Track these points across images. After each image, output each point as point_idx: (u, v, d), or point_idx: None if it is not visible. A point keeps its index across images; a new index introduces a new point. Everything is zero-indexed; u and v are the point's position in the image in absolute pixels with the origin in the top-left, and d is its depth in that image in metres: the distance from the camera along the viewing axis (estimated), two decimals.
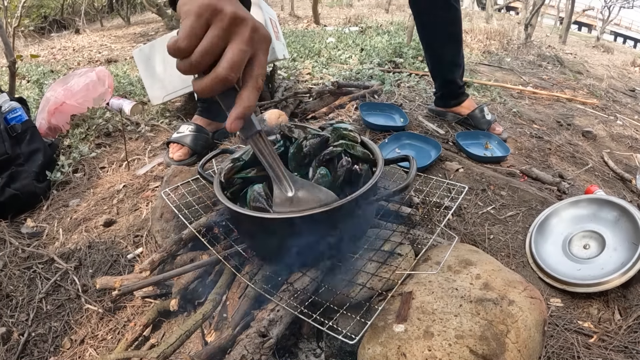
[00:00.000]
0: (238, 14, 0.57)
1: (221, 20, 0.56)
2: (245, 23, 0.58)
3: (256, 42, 0.59)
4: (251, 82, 0.60)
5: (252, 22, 0.58)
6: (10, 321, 1.17)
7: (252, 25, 0.58)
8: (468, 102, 2.17)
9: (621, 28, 19.64)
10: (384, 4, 8.98)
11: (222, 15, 0.55)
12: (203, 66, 0.57)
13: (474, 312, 0.81)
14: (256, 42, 0.59)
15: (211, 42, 0.55)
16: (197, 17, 0.55)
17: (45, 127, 2.07)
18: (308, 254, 0.96)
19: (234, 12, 0.56)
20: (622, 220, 1.28)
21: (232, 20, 0.56)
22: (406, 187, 0.86)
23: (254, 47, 0.59)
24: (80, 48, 5.43)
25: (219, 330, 0.98)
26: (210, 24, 0.56)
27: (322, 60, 3.50)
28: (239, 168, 0.96)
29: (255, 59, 0.60)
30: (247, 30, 0.58)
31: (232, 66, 0.56)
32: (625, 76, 4.72)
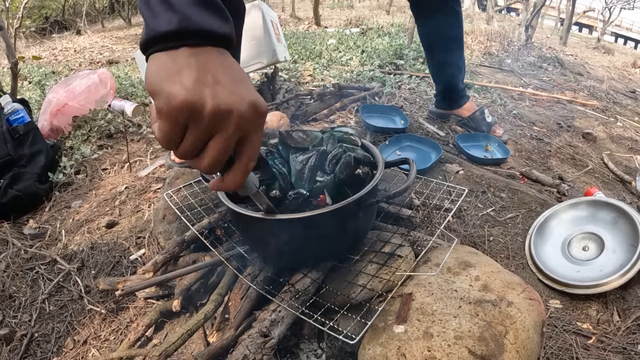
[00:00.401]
0: (219, 109, 0.49)
1: (200, 123, 0.49)
2: (228, 117, 0.50)
3: (244, 127, 0.52)
4: (239, 166, 0.55)
5: (237, 111, 0.50)
6: (13, 322, 1.17)
7: (238, 114, 0.50)
8: (469, 104, 2.18)
9: (622, 29, 19.62)
10: (385, 6, 8.99)
11: (199, 117, 0.49)
12: (189, 158, 0.52)
13: (473, 313, 0.82)
14: (244, 127, 0.52)
15: (191, 146, 0.51)
16: (172, 123, 0.49)
17: (47, 129, 2.08)
18: (309, 255, 0.97)
19: (214, 109, 0.48)
20: (620, 222, 1.29)
21: (211, 119, 0.49)
22: (406, 190, 0.87)
23: (241, 133, 0.52)
24: (82, 49, 5.44)
25: (221, 331, 0.99)
26: (188, 125, 0.49)
27: (323, 62, 3.51)
28: None
29: (244, 141, 0.54)
30: (231, 124, 0.50)
31: (212, 163, 0.52)
32: (626, 77, 4.71)
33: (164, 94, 0.48)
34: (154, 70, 0.50)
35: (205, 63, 0.50)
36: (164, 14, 0.50)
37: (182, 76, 0.48)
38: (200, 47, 0.51)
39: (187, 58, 0.50)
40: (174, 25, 0.50)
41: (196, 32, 0.50)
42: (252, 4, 2.00)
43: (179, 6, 0.50)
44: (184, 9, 0.50)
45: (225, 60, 0.53)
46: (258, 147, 0.56)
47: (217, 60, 0.51)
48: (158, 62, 0.50)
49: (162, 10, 0.50)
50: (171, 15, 0.50)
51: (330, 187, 0.90)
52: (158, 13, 0.51)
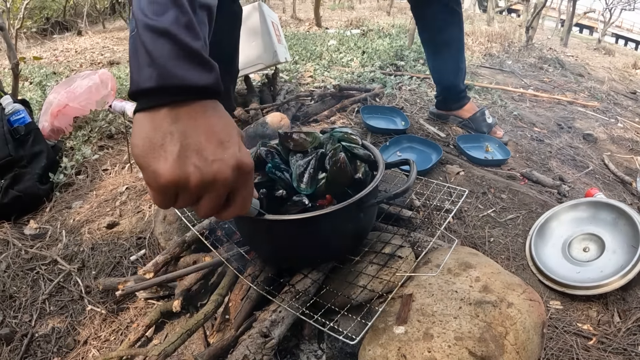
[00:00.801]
0: (203, 182, 0.50)
1: (187, 192, 0.51)
2: (214, 183, 0.51)
3: (230, 186, 0.53)
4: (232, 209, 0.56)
5: (222, 177, 0.51)
6: (13, 322, 1.18)
7: (223, 179, 0.51)
8: (469, 105, 2.18)
9: (622, 30, 19.62)
10: (386, 7, 9.00)
11: (187, 189, 0.50)
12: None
13: (473, 314, 0.82)
14: (230, 186, 0.53)
15: (185, 205, 0.53)
16: (162, 195, 0.51)
17: (48, 129, 2.09)
18: (309, 255, 0.97)
19: (198, 182, 0.50)
20: (621, 223, 1.29)
21: (198, 189, 0.50)
22: (406, 190, 0.87)
23: (229, 190, 0.54)
24: (83, 50, 5.44)
25: (222, 331, 1.00)
26: (178, 194, 0.51)
27: (324, 63, 3.52)
28: None
29: (235, 194, 0.55)
30: (217, 187, 0.52)
31: (206, 215, 0.54)
32: (627, 78, 4.72)
33: (150, 171, 0.49)
34: (138, 140, 0.50)
35: (187, 129, 0.50)
36: (146, 69, 0.50)
37: (165, 150, 0.49)
38: (181, 106, 0.50)
39: (169, 125, 0.49)
40: (154, 82, 0.49)
41: (176, 88, 0.50)
42: (252, 5, 2.00)
43: (160, 60, 0.49)
44: (164, 63, 0.49)
45: (210, 118, 0.52)
46: (249, 195, 0.58)
47: (200, 121, 0.51)
48: (142, 128, 0.50)
49: (145, 64, 0.50)
50: (152, 71, 0.49)
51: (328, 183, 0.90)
52: (142, 66, 0.50)
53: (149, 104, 0.50)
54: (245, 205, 0.57)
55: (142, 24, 0.51)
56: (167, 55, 0.50)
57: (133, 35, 0.52)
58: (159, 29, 0.50)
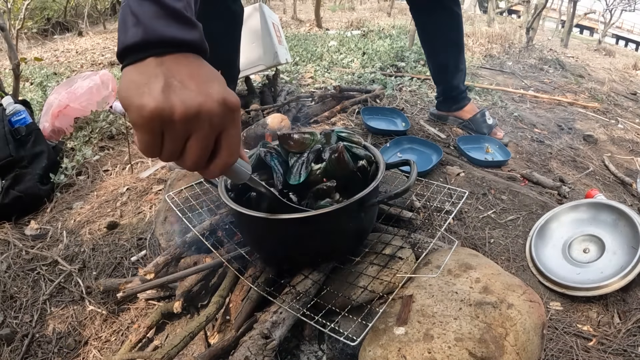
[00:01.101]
0: (188, 112, 0.50)
1: (173, 128, 0.50)
2: (198, 117, 0.51)
3: (217, 125, 0.53)
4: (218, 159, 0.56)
5: (206, 110, 0.51)
6: (14, 322, 1.18)
7: (208, 114, 0.51)
8: (470, 107, 2.18)
9: (623, 31, 19.62)
10: (386, 8, 9.01)
11: (172, 122, 0.50)
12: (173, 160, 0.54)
13: (473, 315, 0.82)
14: (217, 125, 0.53)
15: (171, 151, 0.52)
16: (147, 133, 0.50)
17: (49, 130, 2.09)
18: (310, 255, 0.97)
19: (184, 112, 0.50)
20: (621, 224, 1.29)
21: (184, 122, 0.50)
22: (407, 190, 0.87)
23: (216, 130, 0.54)
24: (83, 50, 5.45)
25: (222, 332, 1.00)
26: (164, 132, 0.51)
27: (324, 64, 3.52)
28: None
29: (222, 136, 0.55)
30: (203, 123, 0.52)
31: (194, 163, 0.54)
32: (627, 79, 4.72)
33: (134, 107, 0.49)
34: (124, 85, 0.51)
35: (171, 70, 0.52)
36: (132, 29, 0.52)
37: (149, 87, 0.50)
38: (166, 56, 0.52)
39: (154, 68, 0.51)
40: (139, 37, 0.51)
41: (160, 41, 0.52)
42: (253, 6, 2.00)
43: (144, 19, 0.52)
44: (148, 22, 0.52)
45: (192, 64, 0.54)
46: (237, 141, 0.57)
47: (183, 66, 0.53)
48: (127, 76, 0.52)
49: (130, 25, 0.53)
50: (136, 29, 0.52)
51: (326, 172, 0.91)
52: (128, 28, 0.53)
53: (135, 57, 0.52)
54: (234, 151, 0.57)
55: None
56: (151, 15, 0.52)
57: (123, 5, 0.55)
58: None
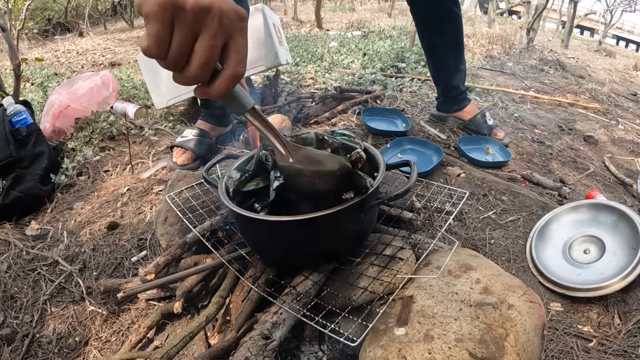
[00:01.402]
0: (199, 4, 0.52)
1: (184, 19, 0.52)
2: (209, 11, 0.53)
3: (227, 27, 0.54)
4: (226, 70, 0.57)
5: (217, 7, 0.53)
6: (14, 322, 1.18)
7: (218, 11, 0.53)
8: (470, 107, 2.19)
9: (623, 32, 19.62)
10: (387, 9, 9.01)
11: (183, 12, 0.51)
12: (179, 67, 0.54)
13: (474, 315, 0.82)
14: (227, 27, 0.54)
15: (179, 46, 0.53)
16: (159, 21, 0.51)
17: (49, 130, 2.09)
18: (310, 256, 0.97)
19: (195, 3, 0.51)
20: (621, 225, 1.29)
21: (194, 14, 0.52)
22: (407, 191, 0.88)
23: (225, 33, 0.55)
24: (84, 51, 5.45)
25: (222, 333, 1.00)
26: (174, 24, 0.52)
27: (325, 64, 3.52)
28: (247, 180, 0.97)
29: (230, 44, 0.56)
30: (213, 20, 0.53)
31: (201, 66, 0.54)
32: (627, 80, 4.72)
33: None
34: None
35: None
36: None
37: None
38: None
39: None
40: None
41: None
42: (254, 7, 2.00)
43: None
44: None
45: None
46: (244, 52, 0.58)
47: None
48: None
49: None
50: None
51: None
52: None
53: None
54: (241, 60, 0.57)
55: None
56: None
57: None
58: None
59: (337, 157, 0.84)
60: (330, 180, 0.83)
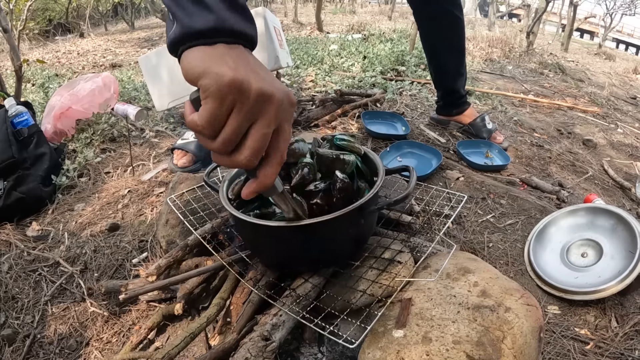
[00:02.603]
0: (264, 91, 0.50)
1: (246, 103, 0.50)
2: (271, 100, 0.52)
3: (280, 115, 0.53)
4: (274, 158, 0.56)
5: (278, 97, 0.52)
6: (15, 323, 1.18)
7: (278, 100, 0.52)
8: (469, 111, 2.20)
9: (623, 35, 19.64)
10: (387, 12, 9.03)
11: (247, 97, 0.50)
12: (226, 152, 0.53)
13: (471, 318, 0.83)
14: (280, 115, 0.53)
15: (235, 130, 0.51)
16: (220, 101, 0.49)
17: (50, 132, 2.10)
18: (310, 260, 0.98)
19: (260, 90, 0.50)
20: (619, 228, 1.30)
21: (257, 100, 0.50)
22: (406, 197, 0.89)
23: (278, 121, 0.54)
24: (85, 52, 5.47)
25: (223, 335, 1.01)
26: (234, 107, 0.50)
27: (325, 67, 3.53)
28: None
29: (280, 131, 0.55)
30: (272, 108, 0.52)
31: (254, 153, 0.53)
32: (627, 84, 4.73)
33: (213, 74, 0.49)
34: (196, 58, 0.52)
35: (241, 56, 0.53)
36: (200, 13, 0.53)
37: (226, 61, 0.51)
38: (233, 45, 0.54)
39: (227, 51, 0.52)
40: (211, 24, 0.52)
41: (231, 32, 0.53)
42: (255, 10, 2.01)
43: (215, 8, 0.53)
44: (219, 11, 0.53)
45: (255, 58, 0.56)
46: (289, 138, 0.57)
47: (249, 56, 0.55)
48: (197, 53, 0.52)
49: (197, 10, 0.53)
50: (207, 15, 0.53)
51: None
52: (193, 12, 0.53)
53: (204, 42, 0.53)
54: (285, 147, 0.57)
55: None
56: (220, 6, 0.54)
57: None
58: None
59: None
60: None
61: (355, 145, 1.03)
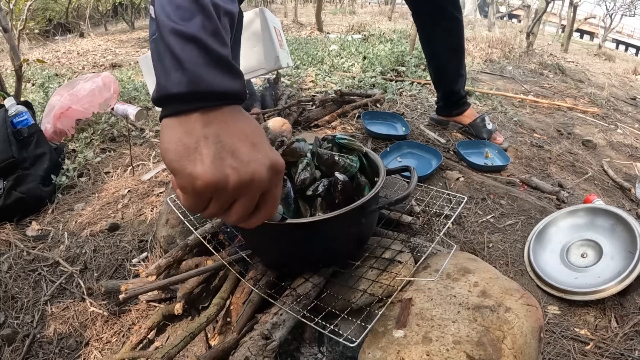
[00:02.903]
0: (242, 182, 0.50)
1: (224, 195, 0.50)
2: (251, 185, 0.51)
3: (264, 186, 0.52)
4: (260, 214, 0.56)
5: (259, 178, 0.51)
6: (15, 322, 1.18)
7: (259, 181, 0.51)
8: (469, 111, 2.19)
9: (623, 36, 19.64)
10: (387, 12, 9.04)
11: (224, 192, 0.49)
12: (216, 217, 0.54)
13: (472, 318, 0.83)
14: (264, 186, 0.52)
15: (218, 211, 0.52)
16: (197, 198, 0.50)
17: (50, 131, 2.10)
18: (311, 259, 0.98)
19: (237, 183, 0.49)
20: (618, 229, 1.30)
21: (235, 191, 0.50)
22: (407, 197, 0.89)
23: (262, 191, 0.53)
24: (85, 52, 5.46)
25: (223, 334, 1.01)
26: (213, 198, 0.50)
27: (325, 68, 3.53)
28: None
29: (267, 195, 0.54)
30: (254, 189, 0.51)
31: (238, 220, 0.54)
32: (627, 84, 4.73)
33: (186, 174, 0.48)
34: (171, 145, 0.49)
35: (220, 133, 0.50)
36: (175, 74, 0.49)
37: (200, 154, 0.48)
38: (212, 111, 0.50)
39: (202, 128, 0.49)
40: (184, 87, 0.49)
41: (207, 93, 0.50)
42: (255, 10, 2.01)
43: (189, 65, 0.49)
44: (195, 69, 0.49)
45: (240, 122, 0.52)
46: (279, 195, 0.57)
47: (231, 126, 0.51)
48: (172, 133, 0.50)
49: (172, 68, 0.49)
50: (181, 76, 0.49)
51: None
52: (169, 71, 0.50)
53: (179, 108, 0.50)
54: (274, 206, 0.57)
55: (168, 29, 0.50)
56: (197, 62, 0.49)
57: (155, 39, 0.52)
58: (187, 35, 0.50)
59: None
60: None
61: (357, 144, 1.03)
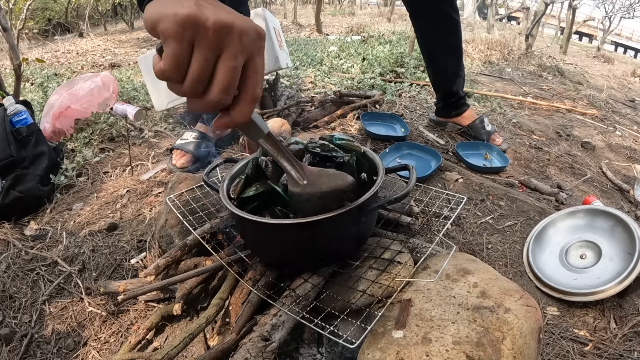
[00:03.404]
0: (222, 22, 0.49)
1: (205, 37, 0.49)
2: (232, 30, 0.50)
3: (247, 46, 0.52)
4: (246, 93, 0.54)
5: (238, 26, 0.50)
6: (13, 322, 1.18)
7: (240, 29, 0.51)
8: (468, 113, 2.20)
9: (622, 38, 19.69)
10: (386, 13, 9.03)
11: (204, 30, 0.49)
12: (199, 92, 0.52)
13: (471, 319, 0.83)
14: (247, 46, 0.52)
15: (201, 66, 0.50)
16: (179, 40, 0.48)
17: (49, 131, 2.09)
18: (310, 260, 0.98)
19: (217, 21, 0.49)
20: (617, 230, 1.30)
21: (216, 32, 0.49)
22: (406, 195, 0.88)
23: (245, 53, 0.52)
24: (84, 52, 5.45)
25: (222, 335, 1.00)
26: (194, 44, 0.49)
27: (324, 69, 3.53)
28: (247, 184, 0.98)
29: (249, 65, 0.53)
30: (236, 39, 0.50)
31: (223, 89, 0.51)
32: (625, 86, 4.74)
33: (169, 16, 0.48)
34: (154, 8, 0.50)
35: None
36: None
37: (182, 2, 0.49)
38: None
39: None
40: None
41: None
42: (255, 11, 2.01)
43: None
44: None
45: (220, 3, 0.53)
46: (262, 73, 0.55)
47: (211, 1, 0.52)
48: (157, 3, 0.50)
49: None
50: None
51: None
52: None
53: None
54: (259, 83, 0.55)
55: None
56: None
57: None
58: None
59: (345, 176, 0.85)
60: (342, 199, 0.84)
61: (355, 144, 1.02)
